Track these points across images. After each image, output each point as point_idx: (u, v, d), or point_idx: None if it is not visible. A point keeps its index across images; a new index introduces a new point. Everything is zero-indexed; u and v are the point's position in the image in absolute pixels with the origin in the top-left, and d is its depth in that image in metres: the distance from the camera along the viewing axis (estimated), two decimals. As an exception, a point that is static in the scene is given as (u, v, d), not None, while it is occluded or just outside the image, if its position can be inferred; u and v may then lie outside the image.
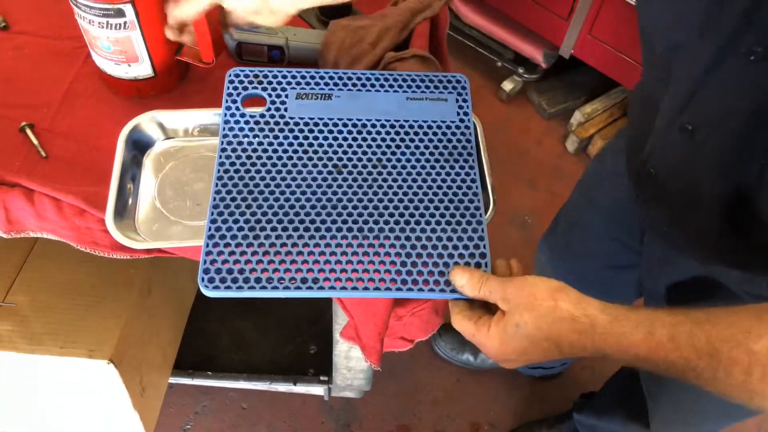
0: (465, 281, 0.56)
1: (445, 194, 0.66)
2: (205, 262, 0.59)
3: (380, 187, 0.65)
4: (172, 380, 1.26)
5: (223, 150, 0.66)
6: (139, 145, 0.70)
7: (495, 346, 0.52)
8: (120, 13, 0.67)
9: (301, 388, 1.27)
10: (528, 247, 1.70)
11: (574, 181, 1.87)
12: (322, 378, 1.26)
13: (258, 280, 0.58)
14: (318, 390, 1.29)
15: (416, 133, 0.69)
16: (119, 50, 0.71)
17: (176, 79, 0.80)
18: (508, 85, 2.00)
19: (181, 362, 1.24)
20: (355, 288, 0.60)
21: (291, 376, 1.27)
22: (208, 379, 1.25)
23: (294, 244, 0.61)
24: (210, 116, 0.72)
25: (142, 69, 0.74)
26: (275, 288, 0.58)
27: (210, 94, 0.79)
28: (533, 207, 1.82)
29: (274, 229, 0.61)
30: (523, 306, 0.50)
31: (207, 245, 0.60)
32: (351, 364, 1.12)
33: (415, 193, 0.65)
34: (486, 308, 0.57)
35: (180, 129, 0.72)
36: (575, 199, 1.00)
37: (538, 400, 1.50)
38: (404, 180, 0.66)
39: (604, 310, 0.49)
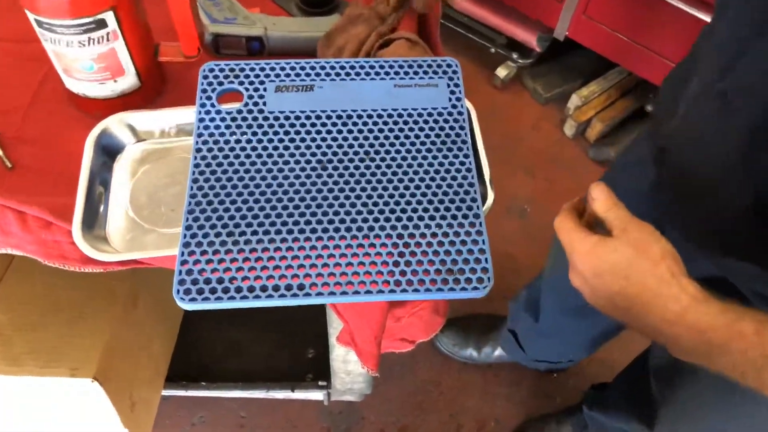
0: (602, 196, 0.53)
1: (439, 186, 0.61)
2: (180, 272, 0.54)
3: (369, 182, 0.61)
4: (166, 393, 1.21)
5: (198, 150, 0.61)
6: (108, 150, 0.65)
7: (588, 254, 0.50)
8: (101, 24, 0.62)
9: (299, 395, 1.23)
10: (528, 237, 1.65)
11: (573, 166, 1.84)
12: (320, 383, 1.21)
13: (239, 289, 0.54)
14: (317, 395, 1.24)
15: (406, 123, 0.64)
16: (103, 67, 0.66)
17: (160, 83, 0.75)
18: (502, 72, 1.95)
19: (174, 374, 1.19)
20: (345, 293, 0.55)
21: (289, 382, 1.22)
22: (202, 390, 1.20)
23: (277, 249, 0.56)
24: (186, 115, 0.67)
25: (129, 81, 0.69)
26: (257, 297, 0.53)
27: (191, 94, 0.74)
28: (532, 195, 1.77)
29: (254, 233, 0.57)
30: (633, 243, 0.49)
31: (182, 254, 0.55)
32: (349, 368, 1.07)
33: (407, 187, 0.61)
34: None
35: (153, 131, 0.67)
36: None
37: (544, 394, 1.45)
38: (395, 173, 0.61)
39: (699, 289, 0.47)
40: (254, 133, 0.62)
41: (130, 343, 0.97)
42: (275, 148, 0.62)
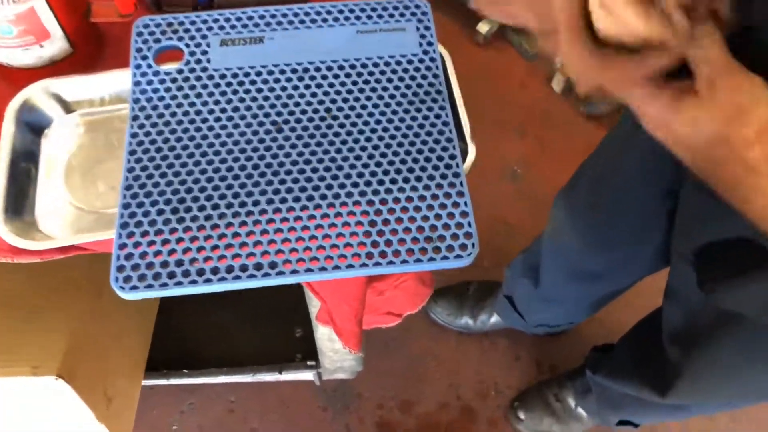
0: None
1: (413, 144, 0.54)
2: (118, 257, 0.47)
3: (332, 143, 0.54)
4: (149, 383, 1.16)
5: (135, 118, 0.54)
6: (34, 124, 0.58)
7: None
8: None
9: (288, 376, 1.17)
10: (522, 199, 1.59)
11: (565, 123, 1.76)
12: (309, 363, 1.15)
13: (186, 273, 0.47)
14: (307, 375, 1.19)
15: (371, 74, 0.57)
16: (23, 30, 0.58)
17: (97, 48, 0.67)
18: (483, 27, 1.86)
19: (155, 363, 1.13)
20: (310, 270, 0.49)
21: (276, 364, 1.17)
22: (185, 378, 1.14)
23: (229, 225, 0.49)
24: (121, 79, 0.59)
25: (57, 45, 0.61)
26: (208, 281, 0.47)
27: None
28: (523, 156, 1.70)
29: (202, 208, 0.50)
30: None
31: (119, 236, 0.48)
32: (337, 346, 1.01)
33: (376, 147, 0.54)
34: None
35: (85, 99, 0.60)
36: (603, 150, 0.88)
37: (544, 359, 1.40)
38: (361, 132, 0.54)
39: None
40: (198, 95, 0.55)
41: (99, 336, 0.91)
42: (223, 111, 0.55)
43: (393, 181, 0.53)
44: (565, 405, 1.26)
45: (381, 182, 0.53)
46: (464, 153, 0.57)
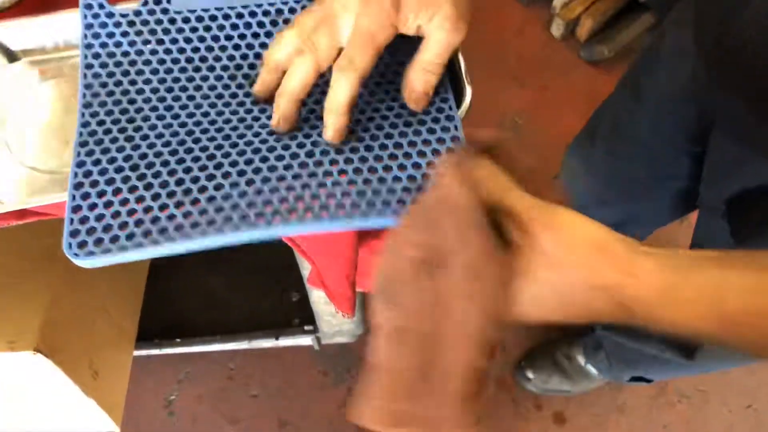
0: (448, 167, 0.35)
1: (400, 90, 0.48)
2: (71, 221, 0.42)
3: (310, 95, 0.47)
4: (142, 353, 1.12)
5: (89, 66, 0.48)
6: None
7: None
8: None
9: (286, 342, 1.13)
10: (523, 151, 1.52)
11: (566, 70, 1.68)
12: (306, 328, 1.11)
13: (147, 233, 0.41)
14: (305, 340, 1.15)
15: None
16: None
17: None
18: (479, -28, 1.77)
19: (147, 333, 1.09)
20: (286, 222, 0.43)
21: (273, 330, 1.12)
22: (178, 347, 1.10)
23: (195, 179, 0.44)
24: (72, 22, 0.52)
25: None
26: (171, 240, 0.41)
27: None
28: (523, 106, 1.63)
29: (165, 163, 0.44)
30: (547, 262, 0.33)
31: (73, 197, 0.42)
32: (333, 309, 0.97)
33: (359, 94, 0.48)
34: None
35: (32, 47, 0.53)
36: (620, 94, 0.81)
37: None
38: None
39: (660, 271, 0.32)
40: (159, 41, 0.49)
41: (80, 306, 0.86)
42: (188, 60, 0.48)
43: (379, 127, 0.47)
44: (575, 362, 1.23)
45: (366, 129, 0.47)
46: (461, 96, 0.51)
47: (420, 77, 0.45)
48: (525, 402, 1.29)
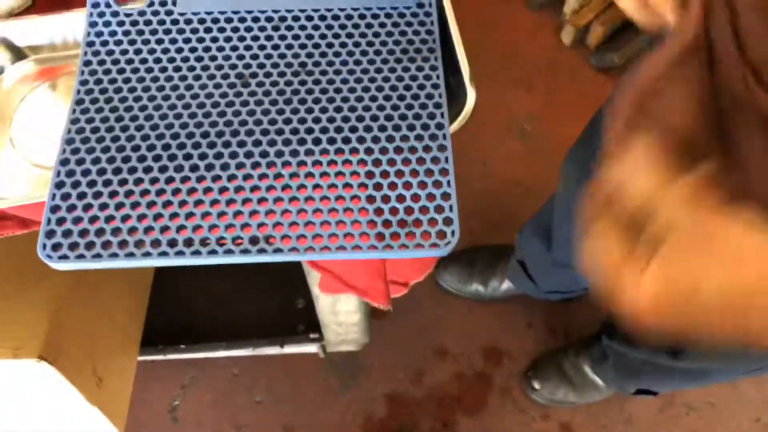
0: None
1: (396, 108, 0.48)
2: (49, 221, 0.41)
3: (303, 102, 0.47)
4: (146, 359, 1.11)
5: (87, 63, 0.47)
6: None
7: None
8: None
9: (290, 349, 1.12)
10: (531, 157, 1.51)
11: (575, 77, 1.67)
12: (312, 336, 1.10)
13: (123, 244, 0.41)
14: (311, 348, 1.14)
15: (356, 26, 0.50)
16: None
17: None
18: (489, -22, 1.76)
19: (151, 338, 1.08)
20: (263, 251, 0.42)
21: (278, 337, 1.12)
22: (182, 353, 1.10)
23: (177, 191, 0.43)
24: (78, 22, 0.52)
25: None
26: (147, 255, 0.40)
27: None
28: (532, 112, 1.62)
29: (148, 169, 0.43)
30: None
31: (53, 197, 0.42)
32: (340, 318, 0.96)
33: (353, 108, 0.47)
34: None
35: (41, 45, 0.53)
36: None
37: (558, 326, 1.35)
38: (338, 91, 0.47)
39: None
40: (159, 41, 0.48)
41: (85, 312, 0.86)
42: (185, 60, 0.48)
43: (368, 151, 0.46)
44: (582, 373, 1.21)
45: (355, 150, 0.46)
46: (462, 98, 0.50)
47: None
48: (531, 412, 1.28)
